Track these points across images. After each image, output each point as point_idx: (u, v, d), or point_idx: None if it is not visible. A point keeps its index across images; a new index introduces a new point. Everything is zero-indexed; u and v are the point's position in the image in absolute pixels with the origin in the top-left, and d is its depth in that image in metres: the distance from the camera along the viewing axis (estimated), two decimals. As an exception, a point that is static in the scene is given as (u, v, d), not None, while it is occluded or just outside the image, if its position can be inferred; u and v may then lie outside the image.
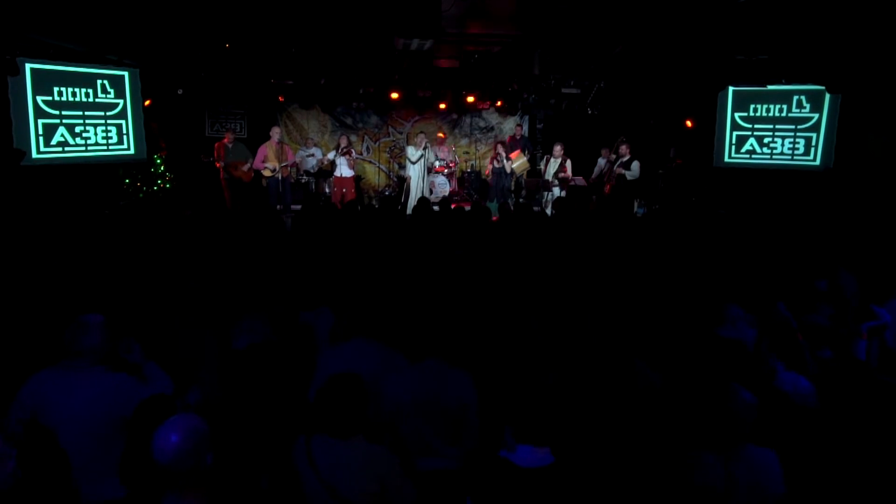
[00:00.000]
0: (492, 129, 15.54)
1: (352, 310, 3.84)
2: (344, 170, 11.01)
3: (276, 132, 10.66)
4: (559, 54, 10.89)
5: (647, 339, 4.00)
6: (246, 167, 10.72)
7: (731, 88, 10.48)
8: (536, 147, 14.87)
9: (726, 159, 10.87)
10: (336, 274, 5.23)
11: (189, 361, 3.85)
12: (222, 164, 10.54)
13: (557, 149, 11.39)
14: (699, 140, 12.12)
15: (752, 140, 10.69)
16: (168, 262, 5.68)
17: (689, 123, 12.70)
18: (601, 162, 12.41)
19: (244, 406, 3.33)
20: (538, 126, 15.71)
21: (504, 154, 11.46)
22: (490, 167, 11.49)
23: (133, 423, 2.72)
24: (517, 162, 11.99)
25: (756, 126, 10.61)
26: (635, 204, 11.79)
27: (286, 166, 10.72)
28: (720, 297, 4.79)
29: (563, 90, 12.82)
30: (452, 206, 9.01)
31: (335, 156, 11.07)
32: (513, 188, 11.82)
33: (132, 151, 9.92)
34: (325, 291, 4.85)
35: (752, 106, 10.54)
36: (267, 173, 10.56)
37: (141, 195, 11.16)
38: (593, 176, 12.25)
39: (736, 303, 4.30)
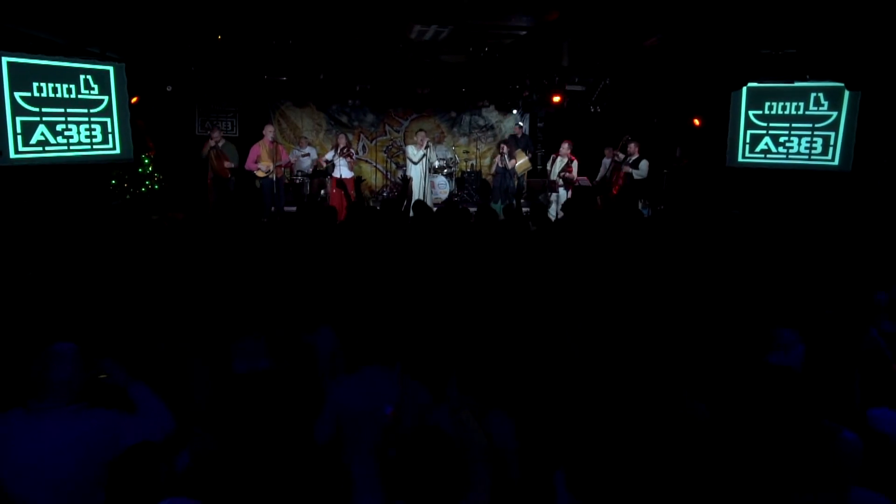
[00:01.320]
0: (491, 127, 15.12)
1: (361, 333, 3.37)
2: (344, 171, 10.53)
3: (269, 131, 10.16)
4: (589, 45, 10.36)
5: (685, 362, 3.57)
6: (228, 164, 10.24)
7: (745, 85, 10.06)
8: (537, 146, 14.45)
9: (740, 159, 10.46)
10: (338, 287, 4.76)
11: (177, 391, 3.38)
12: (213, 143, 10.07)
13: (565, 147, 10.93)
14: (708, 139, 11.74)
15: (767, 139, 10.27)
16: (156, 272, 5.19)
17: (696, 122, 12.35)
18: (606, 162, 12.08)
19: (243, 452, 2.84)
20: (539, 125, 15.30)
21: (507, 153, 10.98)
22: (494, 167, 11.01)
23: (112, 486, 2.23)
24: (518, 162, 11.57)
25: (771, 125, 10.20)
26: (639, 204, 11.40)
27: (280, 166, 10.22)
28: (761, 313, 4.38)
29: (568, 87, 12.40)
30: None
31: (334, 156, 10.57)
32: (516, 189, 11.34)
33: (118, 151, 9.38)
34: (326, 306, 4.38)
35: (766, 103, 10.13)
36: (260, 174, 10.05)
37: (128, 197, 10.65)
38: (598, 176, 11.90)
39: (777, 315, 3.91)
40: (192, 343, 3.67)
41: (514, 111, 14.63)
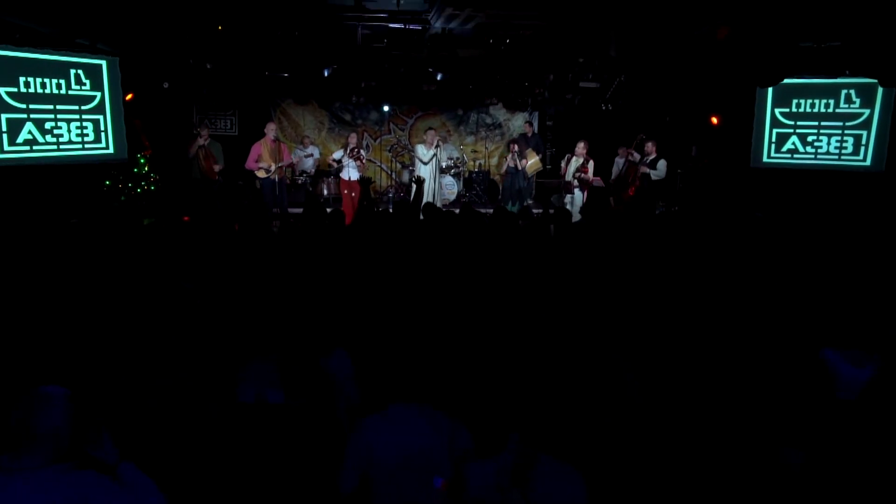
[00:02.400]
0: (499, 126, 14.66)
1: (388, 362, 2.88)
2: (352, 172, 10.04)
3: (271, 129, 9.63)
4: (637, 35, 9.84)
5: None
6: (217, 167, 9.74)
7: (770, 82, 9.56)
8: (547, 145, 13.97)
9: (765, 159, 9.98)
10: (353, 302, 4.26)
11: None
12: (202, 140, 9.61)
13: (580, 147, 10.42)
14: (727, 138, 11.28)
15: (794, 138, 9.80)
16: (152, 283, 4.68)
17: (714, 120, 11.91)
18: (619, 162, 11.65)
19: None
20: (548, 123, 14.82)
21: (519, 153, 10.49)
22: (505, 167, 10.53)
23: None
24: (529, 162, 11.10)
25: (799, 123, 9.72)
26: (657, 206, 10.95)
27: (282, 167, 9.70)
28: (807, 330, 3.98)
29: (582, 84, 11.91)
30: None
31: (343, 156, 10.06)
32: (527, 190, 10.84)
33: (111, 151, 8.87)
34: (340, 324, 3.88)
35: (794, 101, 9.65)
36: (261, 174, 9.54)
37: (123, 199, 10.14)
38: (612, 177, 11.45)
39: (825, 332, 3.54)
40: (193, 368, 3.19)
41: (524, 110, 14.19)
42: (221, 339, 3.48)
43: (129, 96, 9.74)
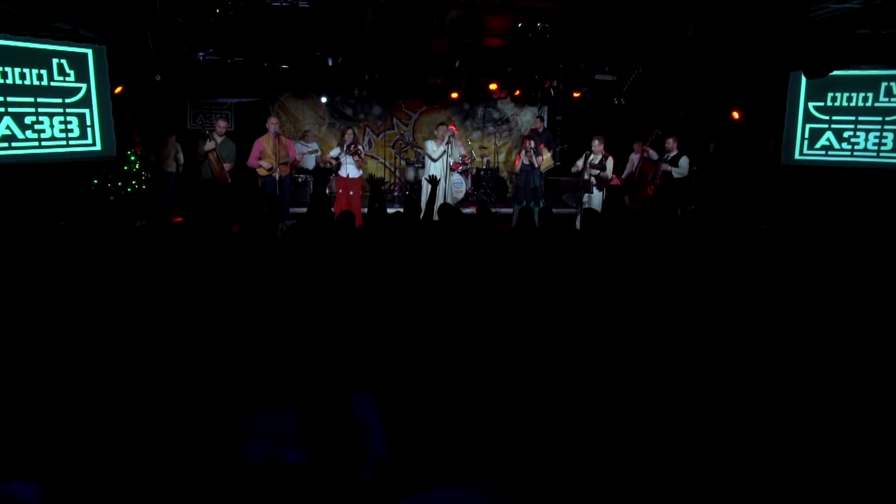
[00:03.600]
0: (507, 120, 14.10)
1: (432, 427, 2.27)
2: (351, 170, 9.40)
3: (273, 123, 8.98)
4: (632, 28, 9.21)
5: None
6: (228, 167, 9.08)
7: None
8: (556, 141, 13.38)
9: (796, 156, 9.39)
10: (374, 331, 3.61)
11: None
12: (212, 144, 8.80)
13: (597, 144, 9.77)
14: (750, 133, 10.73)
15: (828, 134, 9.20)
16: (141, 304, 4.04)
17: (735, 115, 11.37)
18: (634, 158, 11.13)
19: None
20: (557, 118, 14.24)
21: (535, 149, 9.86)
22: (519, 164, 9.92)
23: None
24: (542, 158, 10.47)
25: (834, 118, 9.13)
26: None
27: (286, 163, 9.07)
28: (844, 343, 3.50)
29: (597, 77, 11.33)
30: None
31: (340, 153, 9.41)
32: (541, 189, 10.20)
33: (98, 147, 8.20)
34: (361, 362, 3.24)
35: (829, 94, 9.06)
36: (262, 172, 8.91)
37: (112, 198, 9.50)
38: (625, 174, 10.96)
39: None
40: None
41: (533, 104, 13.61)
42: (219, 381, 2.84)
43: (118, 89, 9.12)
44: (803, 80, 9.02)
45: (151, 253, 5.39)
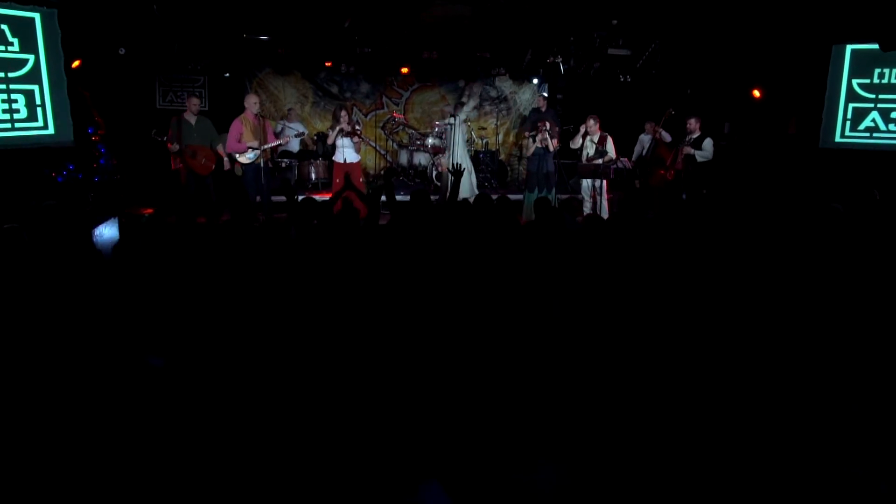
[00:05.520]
0: (504, 99, 13.13)
1: None
2: (348, 154, 8.39)
3: (254, 102, 7.86)
4: None
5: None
6: (205, 156, 7.90)
7: (848, 47, 8.09)
8: (558, 121, 12.46)
9: (838, 138, 8.56)
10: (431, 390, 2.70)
11: None
12: (176, 147, 7.67)
13: (592, 124, 8.90)
14: (771, 114, 9.91)
15: (874, 114, 8.37)
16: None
17: (756, 93, 10.55)
18: (645, 139, 10.28)
19: None
20: (558, 97, 13.28)
21: (549, 130, 8.89)
22: (532, 147, 8.94)
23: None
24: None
25: (881, 96, 8.28)
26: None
27: (269, 148, 7.99)
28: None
29: (611, 51, 10.38)
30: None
31: (335, 136, 8.34)
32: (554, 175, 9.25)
33: (51, 131, 7.04)
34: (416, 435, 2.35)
35: (876, 70, 8.20)
36: (244, 159, 7.83)
37: (71, 188, 8.35)
38: (634, 156, 10.17)
39: None
40: None
41: (532, 83, 12.73)
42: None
43: (75, 63, 7.97)
44: (847, 54, 8.16)
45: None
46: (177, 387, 2.52)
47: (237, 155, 7.81)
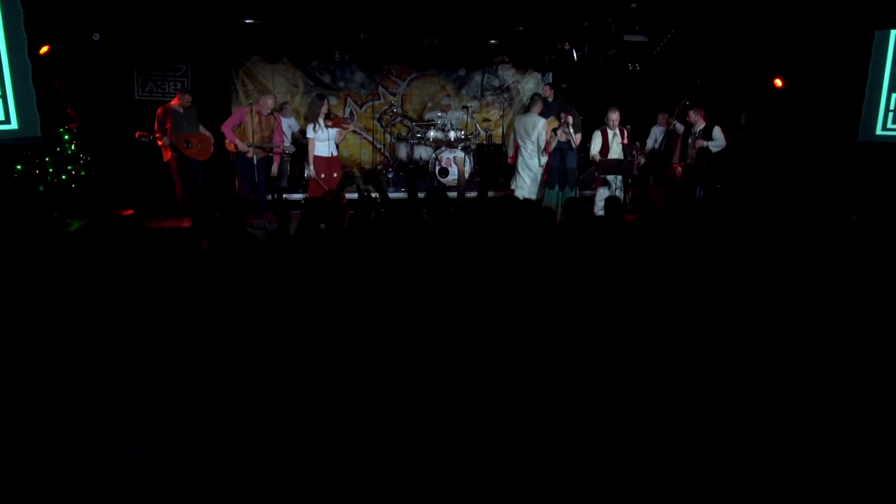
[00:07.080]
0: (507, 89, 12.47)
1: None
2: (333, 147, 7.76)
3: (269, 104, 7.56)
4: None
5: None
6: (196, 143, 7.43)
7: (893, 33, 7.48)
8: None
9: (878, 132, 7.97)
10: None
11: None
12: (166, 140, 7.28)
13: (614, 117, 8.45)
14: (793, 104, 9.54)
15: (922, 105, 7.80)
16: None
17: (778, 82, 10.03)
18: (657, 131, 9.96)
19: None
20: (563, 86, 12.64)
21: (572, 124, 8.26)
22: (555, 142, 8.30)
23: None
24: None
25: (929, 86, 7.70)
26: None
27: (271, 148, 7.56)
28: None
29: (627, 38, 9.77)
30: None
31: (317, 128, 7.59)
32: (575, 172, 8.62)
33: (14, 126, 6.23)
34: None
35: (924, 57, 7.61)
36: (230, 147, 7.41)
37: (42, 189, 7.58)
38: (647, 148, 9.80)
39: None
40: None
41: (537, 70, 12.04)
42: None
43: (43, 49, 7.23)
44: (892, 40, 7.55)
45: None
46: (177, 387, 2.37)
47: (232, 140, 7.35)
